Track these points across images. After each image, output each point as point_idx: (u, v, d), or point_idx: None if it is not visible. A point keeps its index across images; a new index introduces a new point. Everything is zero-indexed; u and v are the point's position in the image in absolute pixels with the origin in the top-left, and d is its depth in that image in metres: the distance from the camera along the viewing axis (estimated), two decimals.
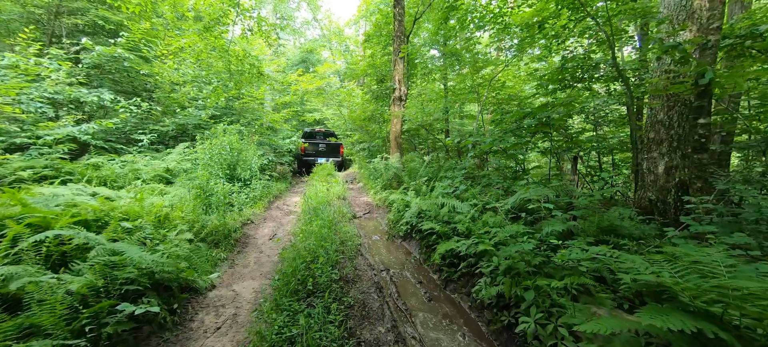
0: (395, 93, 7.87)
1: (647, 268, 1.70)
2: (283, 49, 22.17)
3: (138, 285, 2.11)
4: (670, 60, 4.69)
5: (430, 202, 4.17)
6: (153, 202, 3.66)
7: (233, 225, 4.33)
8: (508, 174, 5.89)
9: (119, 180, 4.96)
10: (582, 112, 5.73)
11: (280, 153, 10.34)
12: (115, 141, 7.02)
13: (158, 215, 3.57)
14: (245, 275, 3.15)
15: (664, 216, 4.17)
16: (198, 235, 3.42)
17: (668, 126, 4.58)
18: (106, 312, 1.90)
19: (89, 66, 7.10)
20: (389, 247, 4.46)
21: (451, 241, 3.23)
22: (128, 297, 2.06)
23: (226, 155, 6.44)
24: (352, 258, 3.72)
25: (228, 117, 9.14)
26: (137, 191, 4.08)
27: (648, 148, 4.89)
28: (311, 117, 14.92)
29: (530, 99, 7.51)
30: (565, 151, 5.84)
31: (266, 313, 2.20)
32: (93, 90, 6.79)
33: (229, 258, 3.53)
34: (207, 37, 7.54)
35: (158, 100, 8.30)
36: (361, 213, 6.38)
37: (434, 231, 3.61)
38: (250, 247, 3.98)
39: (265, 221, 5.33)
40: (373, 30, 9.41)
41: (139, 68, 7.44)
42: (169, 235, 3.20)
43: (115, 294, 2.02)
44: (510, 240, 2.48)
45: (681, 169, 4.48)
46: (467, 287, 2.97)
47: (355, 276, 3.18)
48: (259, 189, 6.56)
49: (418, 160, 7.84)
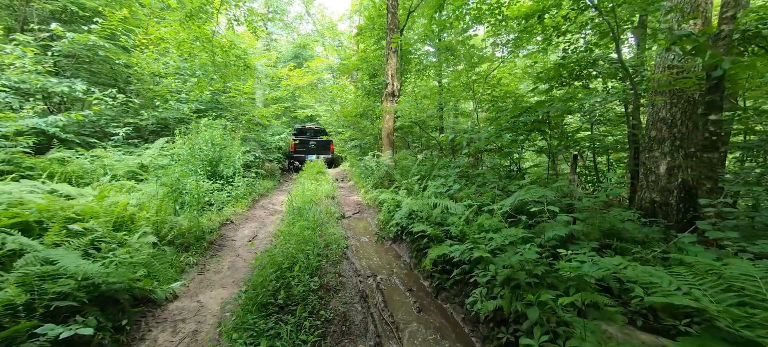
0: (388, 88, 7.58)
1: (671, 283, 1.44)
2: (275, 44, 21.67)
3: (73, 300, 1.79)
4: (673, 56, 4.48)
5: (421, 202, 3.90)
6: (116, 201, 3.30)
7: (209, 226, 4.00)
8: (503, 174, 5.65)
9: (87, 176, 4.57)
10: (579, 109, 5.53)
11: (268, 149, 9.97)
12: (89, 135, 6.59)
13: (122, 215, 3.22)
14: (215, 282, 2.83)
15: (666, 218, 3.96)
16: (164, 238, 3.09)
17: (671, 124, 4.37)
18: (26, 336, 1.57)
19: (61, 54, 6.64)
20: (378, 250, 4.18)
21: (444, 246, 2.96)
22: (59, 314, 1.73)
23: (208, 151, 6.07)
24: (337, 263, 3.42)
25: (214, 111, 8.73)
26: (102, 188, 3.72)
27: (649, 147, 4.67)
28: (303, 113, 14.53)
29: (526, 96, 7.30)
30: (562, 150, 5.63)
31: (225, 334, 1.90)
32: (64, 80, 6.34)
33: (201, 262, 3.20)
34: (190, 26, 7.13)
35: (137, 92, 7.85)
36: (350, 212, 6.09)
37: (426, 234, 3.34)
38: (226, 250, 3.65)
39: (246, 221, 4.99)
40: (366, 23, 9.09)
41: (115, 58, 7.00)
42: (131, 238, 2.86)
43: (41, 312, 1.69)
44: (508, 247, 2.22)
45: (684, 169, 4.27)
46: (461, 296, 2.70)
47: (338, 284, 2.88)
48: (243, 187, 6.21)
49: (410, 158, 7.57)
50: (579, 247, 2.67)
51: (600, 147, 5.59)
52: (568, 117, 6.18)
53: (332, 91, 11.91)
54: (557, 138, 5.14)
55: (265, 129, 11.39)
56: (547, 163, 7.62)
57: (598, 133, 6.28)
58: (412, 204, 3.97)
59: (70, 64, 7.14)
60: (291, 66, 13.12)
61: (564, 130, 5.79)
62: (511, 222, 3.13)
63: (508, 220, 3.10)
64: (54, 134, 5.66)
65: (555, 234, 2.32)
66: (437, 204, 3.74)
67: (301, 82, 11.41)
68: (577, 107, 4.36)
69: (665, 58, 4.50)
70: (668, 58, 4.46)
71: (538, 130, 4.93)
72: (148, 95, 8.18)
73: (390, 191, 5.59)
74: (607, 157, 7.59)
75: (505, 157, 6.18)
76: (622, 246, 3.01)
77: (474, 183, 5.02)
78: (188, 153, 5.82)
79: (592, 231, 2.76)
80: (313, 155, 10.68)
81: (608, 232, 3.16)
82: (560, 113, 4.08)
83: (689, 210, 3.91)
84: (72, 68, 7.14)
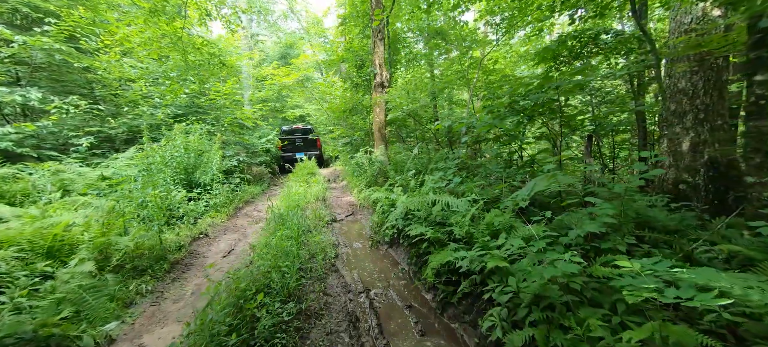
0: (377, 78, 7.04)
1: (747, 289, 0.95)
2: (262, 45, 20.95)
3: None
4: (690, 18, 4.00)
5: (419, 200, 3.39)
6: (54, 222, 2.76)
7: (175, 243, 3.46)
8: (507, 163, 5.16)
9: (37, 194, 4.00)
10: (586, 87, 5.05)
11: (254, 153, 9.39)
12: (51, 147, 5.98)
13: (62, 239, 2.68)
14: (170, 315, 2.31)
15: (692, 200, 3.51)
16: (107, 264, 2.55)
17: (692, 95, 3.89)
18: None
19: (12, 61, 6.01)
20: (372, 257, 3.67)
21: (447, 251, 2.46)
22: None
23: (181, 158, 5.50)
24: (323, 278, 2.91)
25: (193, 115, 8.13)
26: (43, 208, 3.16)
27: (668, 122, 4.20)
28: (293, 114, 13.94)
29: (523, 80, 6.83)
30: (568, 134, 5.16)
31: None
32: (16, 89, 5.72)
33: (158, 289, 2.67)
34: (158, 23, 6.52)
35: (103, 98, 7.23)
36: (342, 215, 5.57)
37: (425, 238, 2.84)
38: (193, 271, 3.12)
39: (224, 233, 4.46)
40: (349, 10, 8.52)
41: (74, 62, 6.37)
42: (64, 267, 2.32)
43: None
44: (535, 254, 1.72)
45: (711, 145, 3.81)
46: (472, 313, 2.20)
47: (323, 307, 2.37)
48: (223, 194, 5.66)
49: (405, 152, 7.05)
50: (610, 243, 2.20)
51: (610, 127, 5.13)
52: (581, 92, 5.69)
53: (319, 88, 11.34)
54: (564, 120, 4.66)
55: (251, 131, 10.81)
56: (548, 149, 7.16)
57: (600, 113, 5.80)
58: (408, 202, 3.47)
59: (25, 72, 6.50)
60: (275, 64, 12.50)
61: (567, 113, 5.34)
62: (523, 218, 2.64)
63: (518, 215, 2.61)
64: (6, 149, 5.06)
65: (586, 232, 1.83)
66: (437, 201, 3.24)
67: (287, 80, 10.82)
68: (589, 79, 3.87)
69: (681, 23, 4.02)
70: (684, 22, 3.98)
71: (542, 113, 4.45)
72: (117, 101, 7.57)
73: (384, 189, 5.08)
74: (612, 138, 7.16)
75: (505, 146, 5.71)
76: (654, 237, 2.54)
77: (476, 174, 4.53)
78: (160, 161, 5.26)
79: (626, 223, 2.29)
80: (301, 153, 10.67)
81: (639, 222, 2.69)
82: (572, 87, 3.58)
83: (720, 191, 3.46)
84: (28, 76, 6.51)
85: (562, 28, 10.86)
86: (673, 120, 3.97)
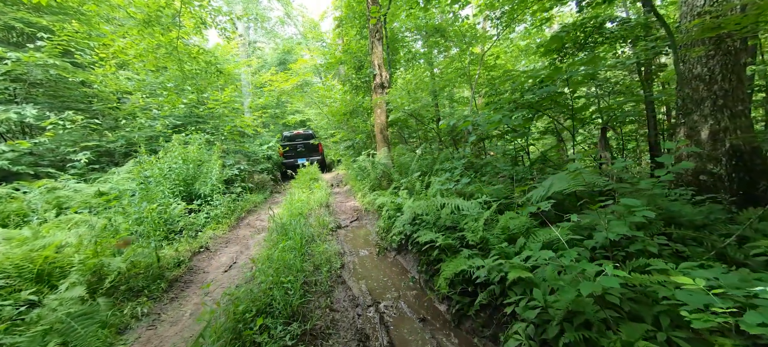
0: (376, 79, 6.90)
1: None
2: (260, 52, 20.92)
3: None
4: (703, 0, 3.82)
5: (426, 203, 3.22)
6: (45, 244, 2.62)
7: (174, 259, 3.31)
8: (514, 160, 4.98)
9: (31, 213, 3.88)
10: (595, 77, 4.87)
11: (255, 160, 9.27)
12: (48, 165, 5.88)
13: (52, 261, 2.54)
14: (167, 340, 2.16)
15: (712, 191, 3.32)
16: (100, 286, 2.41)
17: (709, 80, 3.69)
18: None
19: (7, 79, 5.93)
20: (380, 265, 3.51)
21: (460, 259, 2.29)
22: None
23: (179, 169, 5.38)
24: (329, 291, 2.75)
25: (193, 125, 8.03)
26: (34, 229, 3.03)
27: (685, 110, 4.00)
28: (293, 119, 13.84)
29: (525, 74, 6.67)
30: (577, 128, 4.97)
31: None
32: (11, 107, 5.64)
33: (155, 311, 2.52)
34: (153, 33, 6.42)
35: (101, 112, 7.14)
36: (347, 221, 5.42)
37: (436, 245, 2.67)
38: (192, 289, 2.97)
39: (226, 245, 4.31)
40: (345, 12, 8.39)
41: (69, 76, 6.28)
42: (57, 293, 2.18)
43: None
44: (558, 260, 1.54)
45: (732, 132, 3.60)
46: (492, 327, 2.03)
47: (329, 325, 2.21)
48: (224, 205, 5.52)
49: (408, 154, 6.89)
50: (639, 244, 2.02)
51: (622, 116, 4.93)
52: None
53: (319, 92, 11.22)
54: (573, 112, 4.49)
55: (252, 139, 10.71)
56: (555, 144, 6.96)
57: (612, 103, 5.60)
58: (415, 206, 3.31)
59: (21, 88, 6.43)
60: (273, 70, 12.40)
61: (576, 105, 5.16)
62: (540, 221, 2.47)
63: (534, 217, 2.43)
64: (2, 167, 4.97)
65: (618, 234, 1.66)
66: (445, 204, 3.07)
67: (286, 85, 10.72)
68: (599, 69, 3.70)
69: (693, 6, 3.83)
70: (697, 4, 3.80)
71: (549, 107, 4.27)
72: (116, 115, 7.48)
73: (389, 193, 4.92)
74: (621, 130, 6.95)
75: (510, 142, 5.54)
76: (681, 233, 2.36)
77: (484, 174, 4.36)
78: (158, 173, 5.13)
79: (654, 221, 2.11)
80: (303, 159, 10.54)
81: (664, 218, 2.51)
82: (582, 77, 3.41)
83: (745, 181, 3.27)
84: (25, 93, 6.43)
85: (562, 20, 10.69)
86: (691, 107, 3.78)
